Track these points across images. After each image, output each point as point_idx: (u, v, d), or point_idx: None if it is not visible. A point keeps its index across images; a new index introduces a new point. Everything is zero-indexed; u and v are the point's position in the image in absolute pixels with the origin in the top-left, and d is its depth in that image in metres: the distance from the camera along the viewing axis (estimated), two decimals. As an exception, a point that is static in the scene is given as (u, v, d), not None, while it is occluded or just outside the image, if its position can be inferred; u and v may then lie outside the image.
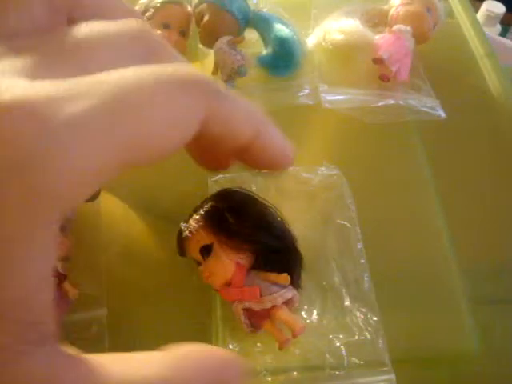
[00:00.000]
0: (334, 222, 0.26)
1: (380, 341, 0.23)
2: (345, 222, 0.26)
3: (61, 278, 0.24)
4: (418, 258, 0.27)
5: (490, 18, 0.74)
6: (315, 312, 0.23)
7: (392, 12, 0.33)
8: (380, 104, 0.30)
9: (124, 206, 0.29)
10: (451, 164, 0.31)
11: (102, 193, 0.26)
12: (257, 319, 0.21)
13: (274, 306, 0.20)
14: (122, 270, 0.27)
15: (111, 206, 0.28)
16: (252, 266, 0.21)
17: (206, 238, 0.21)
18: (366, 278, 0.24)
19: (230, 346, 0.22)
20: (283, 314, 0.20)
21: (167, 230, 0.25)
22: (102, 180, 0.12)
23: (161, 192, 0.29)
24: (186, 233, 0.22)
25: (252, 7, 0.32)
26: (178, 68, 0.13)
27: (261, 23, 0.32)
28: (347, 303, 0.23)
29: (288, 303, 0.21)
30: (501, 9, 0.74)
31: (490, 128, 0.32)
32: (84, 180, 0.11)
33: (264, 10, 0.33)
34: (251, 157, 0.17)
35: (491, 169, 0.31)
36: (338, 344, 0.22)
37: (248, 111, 0.15)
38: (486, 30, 0.47)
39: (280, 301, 0.20)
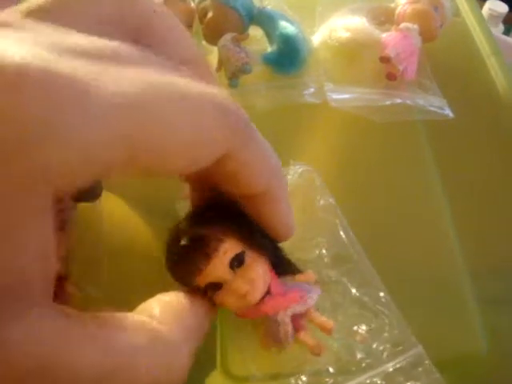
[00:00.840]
0: (317, 216, 0.25)
1: (395, 318, 0.22)
2: (324, 214, 0.25)
3: (61, 278, 0.23)
4: (424, 259, 0.26)
5: (492, 17, 0.74)
6: (326, 310, 0.22)
7: (399, 10, 0.32)
8: (387, 103, 0.29)
9: (125, 207, 0.28)
10: (458, 163, 0.30)
11: (103, 193, 0.26)
12: (295, 324, 0.19)
13: (312, 304, 0.19)
14: (124, 270, 0.26)
15: (112, 206, 0.27)
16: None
17: (234, 247, 0.18)
18: (364, 260, 0.23)
19: (236, 349, 0.22)
20: (315, 313, 0.19)
21: (161, 226, 0.25)
22: (106, 168, 0.11)
23: (162, 192, 0.28)
24: (207, 250, 0.18)
25: (256, 4, 0.32)
26: (222, 93, 0.13)
27: (265, 20, 0.31)
28: (353, 291, 0.23)
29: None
30: (504, 8, 0.74)
31: (497, 127, 0.32)
32: (89, 159, 0.11)
33: (268, 6, 0.33)
34: (254, 211, 0.16)
35: (499, 168, 0.30)
36: (359, 336, 0.21)
37: (268, 168, 0.15)
38: (490, 29, 0.47)
39: (316, 297, 0.19)
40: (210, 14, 0.30)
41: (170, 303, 0.16)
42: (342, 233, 0.24)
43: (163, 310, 0.15)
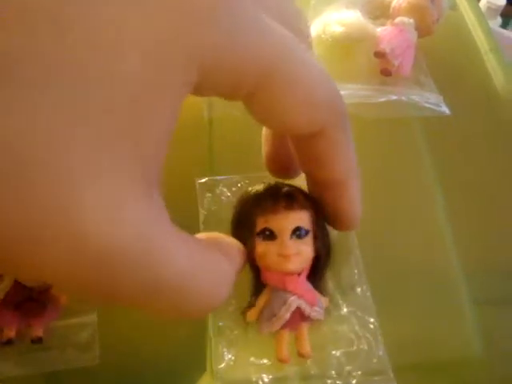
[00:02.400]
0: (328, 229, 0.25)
1: (380, 348, 0.22)
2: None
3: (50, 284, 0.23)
4: (419, 260, 0.26)
5: (490, 10, 0.73)
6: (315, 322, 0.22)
7: (394, 4, 0.32)
8: (382, 100, 0.29)
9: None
10: (455, 161, 0.30)
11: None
12: (289, 322, 0.20)
13: (306, 319, 0.19)
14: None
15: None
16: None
17: (307, 223, 0.19)
18: (363, 285, 0.23)
19: (225, 352, 0.21)
20: (306, 334, 0.20)
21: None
22: (234, 78, 0.12)
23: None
24: (290, 203, 0.19)
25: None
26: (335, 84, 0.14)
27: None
28: (344, 311, 0.22)
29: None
30: (501, 1, 0.73)
31: (494, 124, 0.31)
32: (234, 59, 0.12)
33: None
34: (326, 197, 0.17)
35: (496, 166, 0.30)
36: (337, 354, 0.21)
37: (352, 156, 0.16)
38: (488, 22, 0.46)
39: (321, 317, 0.20)
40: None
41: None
42: (350, 255, 0.24)
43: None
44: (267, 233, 0.19)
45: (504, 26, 0.76)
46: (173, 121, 0.12)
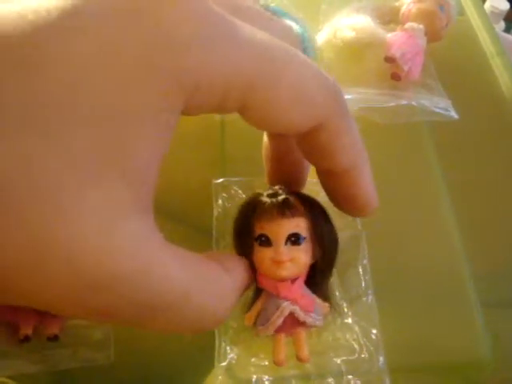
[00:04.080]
0: (339, 239, 0.25)
1: (380, 358, 0.22)
2: (350, 239, 0.25)
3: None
4: (428, 263, 0.26)
5: (494, 14, 0.74)
6: (314, 328, 0.22)
7: (404, 9, 0.32)
8: (391, 104, 0.29)
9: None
10: (462, 164, 0.30)
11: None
12: (283, 326, 0.20)
13: (302, 325, 0.20)
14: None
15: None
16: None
17: (303, 229, 0.19)
18: (369, 295, 0.24)
19: (228, 350, 0.22)
20: (304, 337, 0.20)
21: (173, 229, 0.25)
22: (221, 94, 0.12)
23: (165, 190, 0.28)
24: (287, 210, 0.19)
25: (261, 1, 0.31)
26: (328, 74, 0.14)
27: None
28: (348, 319, 0.23)
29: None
30: (505, 5, 0.74)
31: (501, 127, 0.32)
32: (223, 75, 0.12)
33: (272, 4, 0.33)
34: (339, 187, 0.17)
35: (504, 170, 0.30)
36: (337, 362, 0.21)
37: (357, 142, 0.16)
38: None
39: (318, 324, 0.20)
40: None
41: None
42: (359, 265, 0.24)
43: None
44: (263, 239, 0.19)
45: (507, 30, 0.76)
46: (160, 146, 0.12)
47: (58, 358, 0.23)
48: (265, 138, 0.19)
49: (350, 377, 0.21)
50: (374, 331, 0.22)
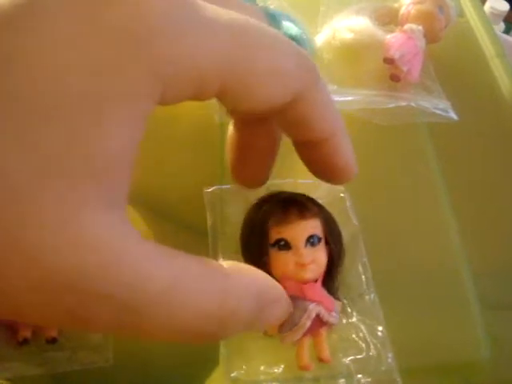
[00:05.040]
0: None
1: (389, 355, 0.22)
2: (348, 238, 0.25)
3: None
4: (428, 264, 0.26)
5: (493, 15, 0.74)
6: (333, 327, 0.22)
7: (403, 10, 0.32)
8: (391, 106, 0.29)
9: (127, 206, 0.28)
10: (462, 166, 0.30)
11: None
12: (309, 329, 0.20)
13: (324, 325, 0.20)
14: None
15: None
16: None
17: (319, 230, 0.20)
18: (371, 293, 0.24)
19: (237, 360, 0.21)
20: (325, 338, 0.20)
21: (170, 230, 0.25)
22: (197, 81, 0.12)
23: (164, 192, 0.28)
24: (303, 212, 0.19)
25: (260, 4, 0.32)
26: (298, 47, 0.15)
27: (269, 20, 0.31)
28: (353, 318, 0.23)
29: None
30: (505, 6, 0.74)
31: (501, 130, 0.32)
32: (194, 63, 0.12)
33: (271, 6, 0.33)
34: (319, 156, 0.17)
35: (503, 171, 0.30)
36: (346, 361, 0.21)
37: (333, 110, 0.16)
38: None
39: (336, 322, 0.20)
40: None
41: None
42: (359, 263, 0.24)
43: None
44: (282, 243, 0.19)
45: (507, 31, 0.76)
46: (133, 136, 0.12)
47: (56, 360, 0.23)
48: (230, 127, 0.19)
49: (359, 376, 0.21)
50: (380, 328, 0.22)
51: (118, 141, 0.11)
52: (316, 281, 0.20)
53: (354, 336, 0.22)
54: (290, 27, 0.30)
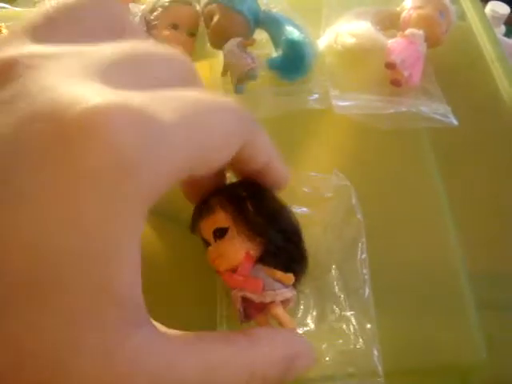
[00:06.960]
0: (341, 232, 0.26)
1: (374, 350, 0.22)
2: (351, 233, 0.26)
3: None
4: (425, 265, 0.26)
5: (494, 18, 0.74)
6: (311, 318, 0.23)
7: (404, 15, 0.32)
8: (391, 111, 0.29)
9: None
10: (461, 169, 0.30)
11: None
12: (251, 310, 0.21)
13: (272, 302, 0.21)
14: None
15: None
16: (259, 259, 0.21)
17: (223, 221, 0.21)
18: (366, 288, 0.24)
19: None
20: (279, 311, 0.21)
21: (171, 229, 0.25)
22: (174, 181, 0.14)
23: (169, 193, 0.28)
24: (204, 212, 0.21)
25: (262, 7, 0.32)
26: (230, 100, 0.16)
27: (271, 24, 0.31)
28: (345, 312, 0.23)
29: (284, 302, 0.21)
30: (505, 9, 0.74)
31: (502, 134, 0.32)
32: (170, 175, 0.13)
33: (274, 10, 0.33)
34: (259, 178, 0.20)
35: (502, 175, 0.30)
36: (332, 352, 0.22)
37: (269, 142, 0.19)
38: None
39: (279, 298, 0.21)
40: (216, 19, 0.30)
41: None
42: (358, 259, 0.25)
43: None
44: (205, 241, 0.22)
45: (508, 34, 0.77)
46: (136, 261, 0.13)
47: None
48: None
49: (344, 366, 0.22)
50: (369, 326, 0.23)
51: (131, 274, 0.13)
52: (235, 269, 0.21)
53: (344, 327, 0.23)
54: (292, 32, 0.30)
